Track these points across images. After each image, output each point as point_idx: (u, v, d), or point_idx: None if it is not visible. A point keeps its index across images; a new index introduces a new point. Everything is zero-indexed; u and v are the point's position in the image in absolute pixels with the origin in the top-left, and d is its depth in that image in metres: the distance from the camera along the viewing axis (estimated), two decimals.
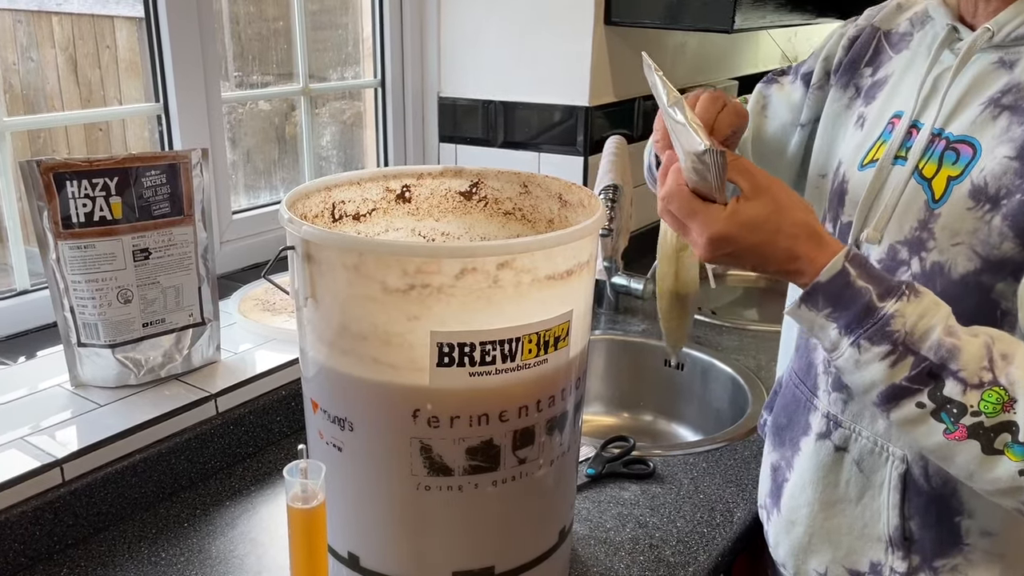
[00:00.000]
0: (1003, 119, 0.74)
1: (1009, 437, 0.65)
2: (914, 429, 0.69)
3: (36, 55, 3.00)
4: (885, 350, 0.67)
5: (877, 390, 0.69)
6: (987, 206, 0.73)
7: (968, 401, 0.66)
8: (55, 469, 0.98)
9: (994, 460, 0.66)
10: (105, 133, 2.38)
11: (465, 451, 0.80)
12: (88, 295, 1.10)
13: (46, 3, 2.84)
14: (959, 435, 0.66)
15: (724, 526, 1.07)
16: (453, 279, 0.73)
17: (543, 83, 1.75)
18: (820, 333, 0.72)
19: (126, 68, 2.83)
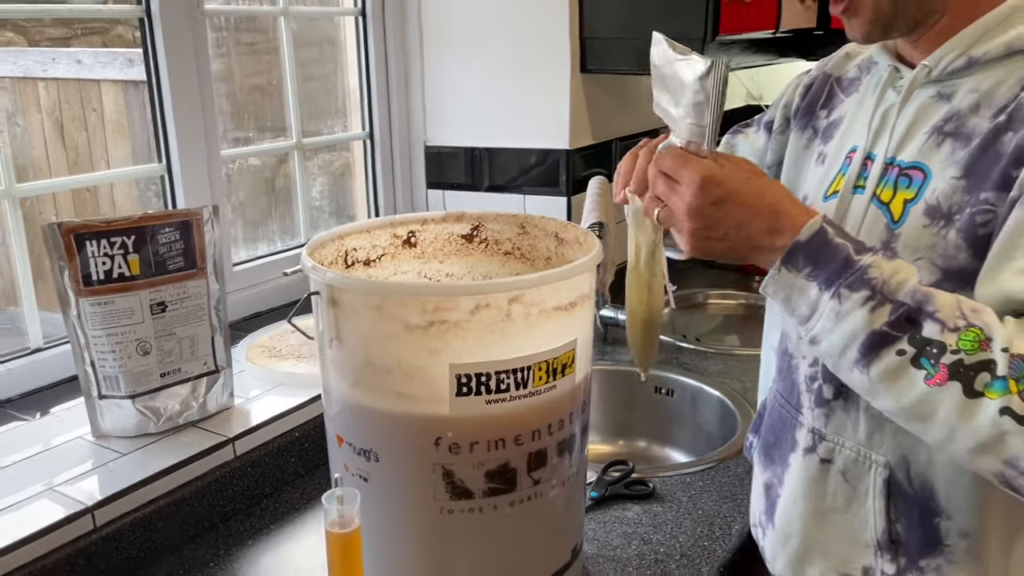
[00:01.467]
0: (947, 145, 0.83)
1: (989, 376, 0.69)
2: (896, 382, 0.72)
3: (22, 120, 3.06)
4: (865, 295, 0.72)
5: (859, 341, 0.73)
6: (942, 223, 0.81)
7: (947, 340, 0.70)
8: (87, 516, 1.03)
9: (975, 404, 0.69)
10: (93, 195, 2.44)
11: (484, 474, 0.86)
12: (108, 348, 1.16)
13: (32, 69, 2.91)
14: (940, 378, 0.70)
15: (723, 539, 1.13)
16: (469, 314, 0.80)
17: (524, 129, 1.84)
18: (798, 298, 0.77)
19: (113, 130, 2.89)
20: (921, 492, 0.87)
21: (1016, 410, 0.67)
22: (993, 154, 0.79)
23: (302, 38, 1.86)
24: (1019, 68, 0.80)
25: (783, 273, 0.77)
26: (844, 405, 0.92)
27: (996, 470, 0.71)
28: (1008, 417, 0.67)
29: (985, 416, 0.69)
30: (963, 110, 0.83)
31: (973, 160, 0.80)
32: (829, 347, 0.76)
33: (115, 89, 2.81)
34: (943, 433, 0.72)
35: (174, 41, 1.46)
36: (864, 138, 0.91)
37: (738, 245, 0.79)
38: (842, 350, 0.75)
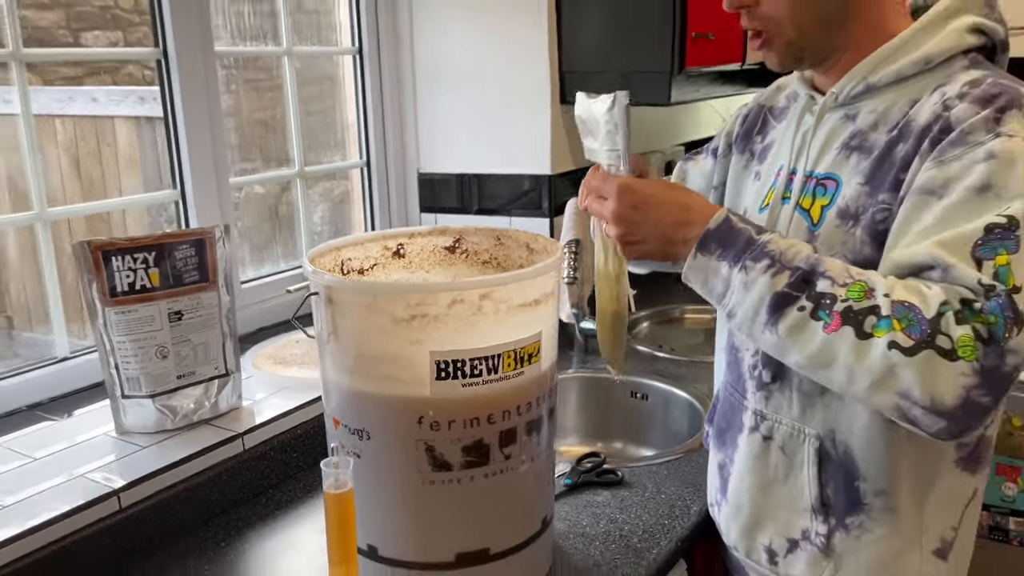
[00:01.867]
0: (854, 158, 0.97)
1: (875, 318, 0.81)
2: (800, 335, 0.85)
3: (40, 155, 3.22)
4: (766, 264, 0.86)
5: (765, 304, 0.86)
6: (851, 222, 0.95)
7: (838, 292, 0.83)
8: (113, 498, 1.16)
9: (867, 344, 0.80)
10: (107, 222, 2.59)
11: (461, 449, 0.99)
12: (131, 353, 1.29)
13: (49, 107, 3.08)
14: (835, 325, 0.82)
15: (682, 517, 1.26)
16: (446, 309, 0.94)
17: (510, 156, 1.99)
18: (713, 279, 0.91)
19: (126, 163, 3.06)
20: (844, 458, 1.01)
21: (901, 343, 0.79)
22: (888, 163, 0.94)
23: (304, 75, 2.02)
24: (907, 91, 0.95)
25: (698, 258, 0.91)
26: (780, 387, 1.05)
27: (893, 403, 0.82)
28: (895, 350, 0.79)
29: (876, 352, 0.80)
30: (865, 128, 0.98)
31: (873, 169, 0.95)
32: (743, 315, 0.89)
33: (128, 125, 2.98)
34: (844, 375, 0.83)
35: (188, 80, 1.61)
36: (788, 157, 1.06)
37: (659, 242, 0.94)
38: (753, 315, 0.88)
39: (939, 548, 1.03)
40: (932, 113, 0.91)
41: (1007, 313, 0.78)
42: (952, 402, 0.78)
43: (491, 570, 1.04)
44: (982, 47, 0.96)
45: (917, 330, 0.79)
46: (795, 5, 0.97)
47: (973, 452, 1.02)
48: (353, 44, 2.02)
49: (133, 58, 1.83)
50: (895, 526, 1.01)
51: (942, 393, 0.78)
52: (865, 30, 0.99)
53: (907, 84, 0.96)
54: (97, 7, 4.49)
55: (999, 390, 0.79)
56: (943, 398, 0.78)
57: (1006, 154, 0.84)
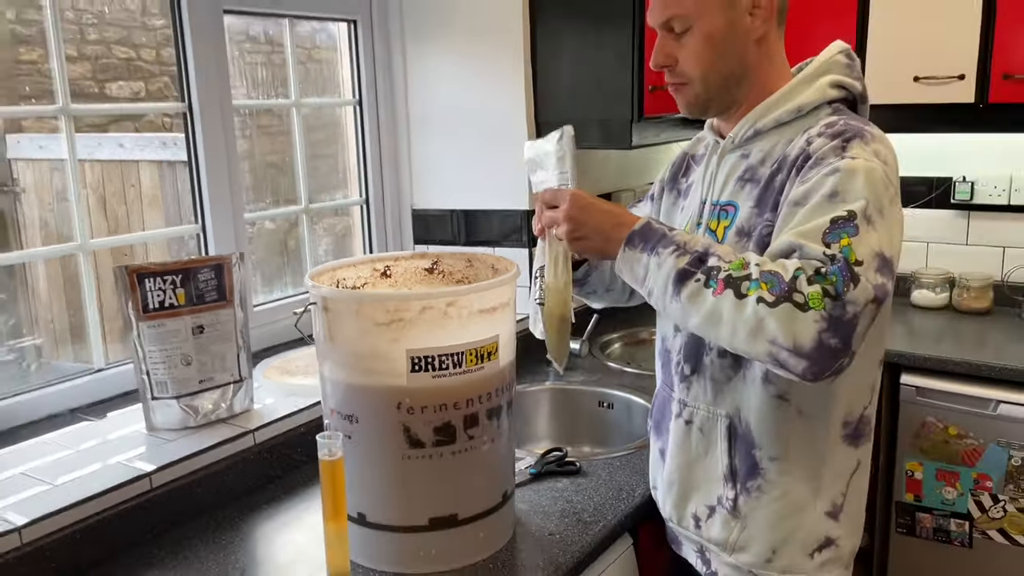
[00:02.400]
0: (747, 187, 1.21)
1: (748, 283, 1.03)
2: (695, 300, 1.06)
3: (71, 196, 3.50)
4: (672, 249, 1.10)
5: (671, 278, 1.08)
6: (745, 239, 1.18)
7: (722, 265, 1.06)
8: (145, 479, 1.38)
9: (743, 302, 1.02)
10: (130, 255, 2.84)
11: (432, 430, 1.21)
12: (160, 360, 1.52)
13: (79, 152, 3.35)
14: (720, 289, 1.04)
15: (628, 498, 1.47)
16: (418, 314, 1.17)
17: (493, 194, 2.23)
18: (637, 267, 1.13)
19: (149, 203, 3.34)
20: (746, 432, 1.23)
21: (766, 299, 1.01)
22: (771, 190, 1.17)
23: (310, 123, 2.28)
24: (786, 134, 1.20)
25: (626, 252, 1.15)
26: (697, 378, 1.28)
27: (766, 350, 1.03)
28: (762, 304, 1.01)
29: (749, 307, 1.02)
30: (755, 164, 1.21)
31: (761, 195, 1.19)
32: (658, 291, 1.11)
33: (151, 168, 3.26)
34: (729, 330, 1.05)
35: (209, 129, 1.86)
36: (701, 191, 1.29)
37: (599, 239, 1.18)
38: (664, 289, 1.10)
39: (830, 511, 1.24)
40: (800, 148, 1.15)
41: (845, 274, 1.01)
42: (809, 344, 1.00)
43: (459, 533, 1.26)
44: (844, 99, 1.20)
45: (778, 288, 1.01)
46: (703, 68, 1.22)
47: (856, 429, 1.24)
48: (354, 96, 2.28)
49: (165, 111, 2.08)
50: (788, 488, 1.22)
51: (800, 336, 1.00)
52: (756, 88, 1.23)
53: (785, 128, 1.20)
54: (121, 59, 4.84)
55: (845, 334, 1.00)
56: (802, 341, 1.00)
57: (849, 169, 1.08)
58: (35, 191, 3.57)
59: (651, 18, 1.24)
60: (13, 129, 3.64)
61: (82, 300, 1.74)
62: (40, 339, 3.24)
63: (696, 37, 1.19)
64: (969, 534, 2.22)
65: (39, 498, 1.30)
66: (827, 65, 1.21)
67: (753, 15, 1.19)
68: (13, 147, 3.54)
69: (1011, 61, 2.21)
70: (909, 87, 2.33)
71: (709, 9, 1.18)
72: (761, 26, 1.20)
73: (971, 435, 2.18)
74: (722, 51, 1.20)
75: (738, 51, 1.20)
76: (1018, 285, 2.55)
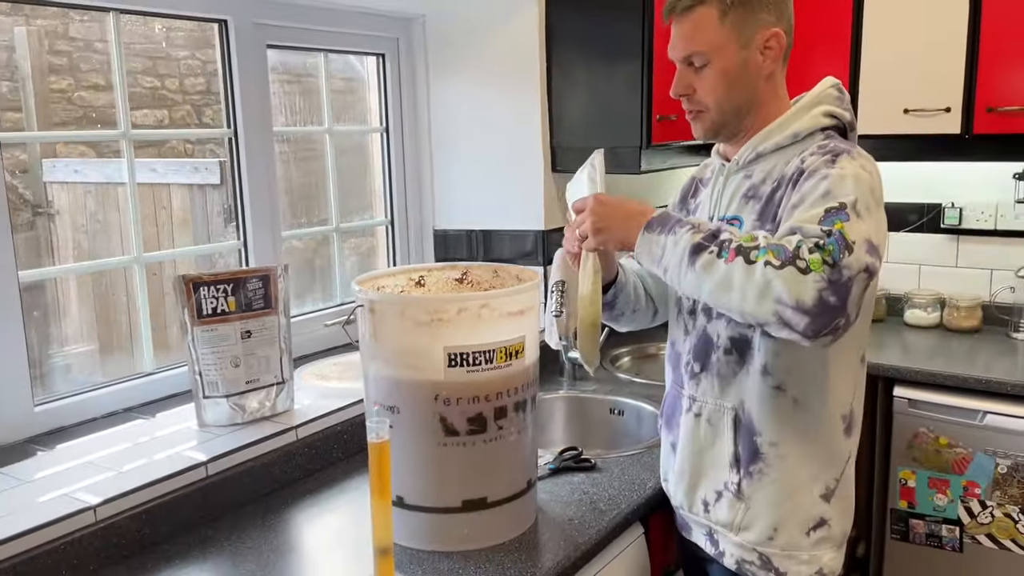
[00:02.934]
0: (750, 203, 1.36)
1: (756, 251, 1.16)
2: (709, 269, 1.19)
3: (102, 218, 3.68)
4: (688, 227, 1.24)
5: (687, 251, 1.21)
6: None
7: (734, 238, 1.20)
8: (201, 468, 1.52)
9: (752, 267, 1.15)
10: (159, 276, 3.00)
11: (466, 420, 1.35)
12: (212, 362, 1.67)
13: (113, 176, 3.54)
14: (731, 257, 1.18)
15: (640, 490, 1.61)
16: (455, 314, 1.31)
17: (510, 215, 2.39)
18: (655, 248, 1.27)
19: (179, 224, 3.51)
20: (748, 421, 1.37)
21: (773, 262, 1.15)
22: (771, 204, 1.33)
23: (341, 148, 2.44)
24: (784, 156, 1.35)
25: (644, 235, 1.29)
26: (706, 375, 1.42)
27: (772, 310, 1.16)
28: (770, 267, 1.15)
29: (758, 271, 1.16)
30: (757, 183, 1.37)
31: (762, 210, 1.34)
32: (674, 265, 1.25)
33: (182, 191, 3.43)
34: (739, 295, 1.18)
35: (252, 153, 2.02)
36: (708, 209, 1.45)
37: (620, 229, 1.33)
38: (679, 262, 1.24)
39: (824, 493, 1.38)
40: (795, 167, 1.31)
41: (840, 244, 1.15)
42: (811, 301, 1.13)
43: (489, 515, 1.40)
44: (835, 127, 1.36)
45: (783, 255, 1.16)
46: (718, 98, 1.38)
47: (849, 422, 1.38)
48: (381, 123, 2.44)
49: (212, 137, 2.23)
50: (786, 470, 1.36)
51: (803, 294, 1.13)
52: (762, 117, 1.39)
53: (784, 151, 1.36)
54: (147, 88, 5.03)
55: (841, 294, 1.13)
56: (804, 299, 1.13)
57: (839, 174, 1.24)
58: (69, 213, 3.74)
59: (672, 53, 1.40)
60: (48, 154, 3.83)
61: (136, 309, 1.89)
62: (85, 347, 3.39)
63: (713, 71, 1.35)
64: (960, 539, 2.35)
65: (107, 482, 1.44)
66: (820, 97, 1.38)
67: (764, 55, 1.35)
68: (49, 171, 3.72)
69: (994, 95, 2.37)
70: (900, 119, 2.49)
71: (726, 48, 1.34)
72: (771, 64, 1.36)
73: (960, 445, 2.31)
74: (736, 85, 1.36)
75: (749, 85, 1.36)
76: (1004, 305, 2.70)
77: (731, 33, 1.34)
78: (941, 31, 2.41)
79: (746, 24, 1.34)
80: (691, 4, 1.35)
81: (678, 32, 1.38)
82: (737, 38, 1.34)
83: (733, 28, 1.34)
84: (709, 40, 1.34)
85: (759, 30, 1.34)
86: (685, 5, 1.36)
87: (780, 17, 1.36)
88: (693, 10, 1.35)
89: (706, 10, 1.34)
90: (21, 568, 1.26)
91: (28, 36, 3.79)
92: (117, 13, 1.79)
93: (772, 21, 1.35)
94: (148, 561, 1.39)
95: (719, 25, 1.34)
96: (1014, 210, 2.69)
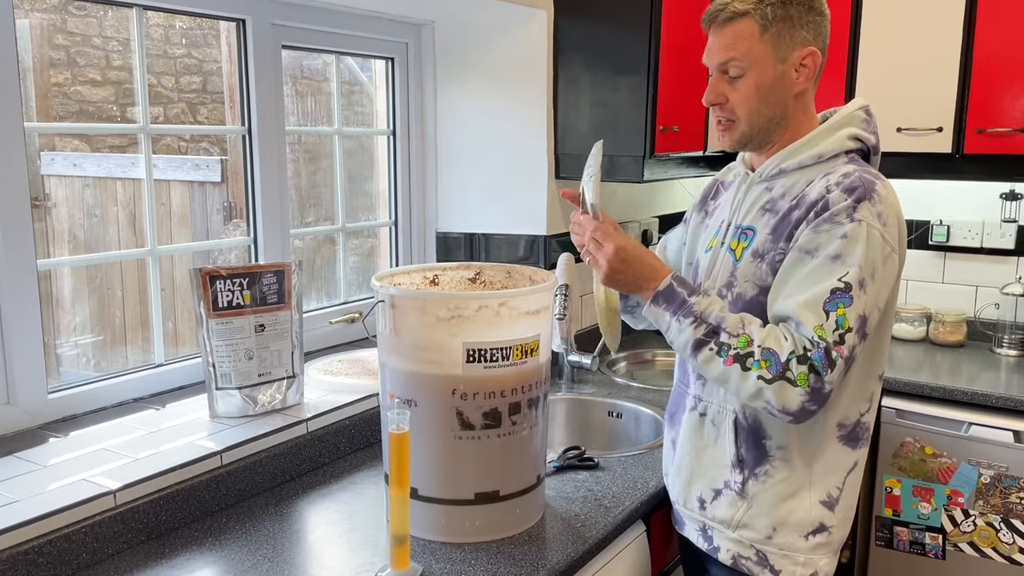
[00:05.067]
0: (766, 216, 1.41)
1: (751, 360, 1.27)
2: (709, 364, 1.31)
3: (100, 212, 3.69)
4: (691, 321, 1.32)
5: (690, 344, 1.32)
6: (759, 260, 1.39)
7: (732, 343, 1.29)
8: (216, 457, 1.55)
9: (746, 375, 1.28)
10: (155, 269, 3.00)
11: (482, 415, 1.39)
12: (226, 354, 1.70)
13: (113, 171, 3.55)
14: (729, 362, 1.29)
15: (643, 489, 1.66)
16: (475, 312, 1.36)
17: (513, 219, 2.44)
18: (660, 320, 1.36)
19: (178, 220, 3.53)
20: (754, 425, 1.42)
21: (765, 376, 1.27)
22: (787, 222, 1.38)
23: (348, 149, 2.47)
24: (806, 175, 1.40)
25: (651, 307, 1.39)
26: None
27: (762, 407, 1.31)
28: (762, 380, 1.28)
29: (751, 380, 1.28)
30: (776, 197, 1.42)
31: (777, 225, 1.39)
32: (678, 348, 1.37)
33: (182, 188, 3.45)
34: (734, 388, 1.32)
35: (264, 151, 2.06)
36: (727, 214, 1.50)
37: (631, 285, 1.40)
38: (683, 349, 1.35)
39: (825, 500, 1.43)
40: (819, 194, 1.35)
41: (823, 360, 1.27)
42: (795, 409, 1.29)
43: (500, 508, 1.44)
44: (859, 150, 1.41)
45: (775, 368, 1.27)
46: (750, 110, 1.41)
47: (852, 432, 1.43)
48: (388, 126, 2.48)
49: (227, 132, 2.26)
50: (790, 473, 1.41)
51: (789, 404, 1.29)
52: (790, 133, 1.44)
53: (806, 170, 1.41)
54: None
55: (821, 402, 1.29)
56: (789, 407, 1.29)
57: (853, 235, 1.30)
58: (66, 206, 3.74)
59: (708, 59, 1.43)
60: (48, 147, 3.83)
61: (149, 302, 1.92)
62: (79, 339, 3.39)
63: (748, 83, 1.39)
64: (943, 547, 2.41)
65: (125, 468, 1.47)
66: (848, 119, 1.42)
67: (799, 72, 1.39)
68: (47, 164, 3.72)
69: (984, 117, 2.45)
70: (893, 137, 2.56)
71: (764, 61, 1.38)
72: (804, 82, 1.40)
73: (945, 454, 2.38)
74: (768, 99, 1.40)
75: (781, 101, 1.40)
76: (989, 321, 2.78)
77: (770, 47, 1.37)
78: (935, 54, 2.50)
79: (785, 40, 1.37)
80: (733, 15, 1.38)
81: (717, 40, 1.41)
82: (775, 53, 1.38)
83: (772, 42, 1.37)
84: (748, 51, 1.37)
85: (796, 47, 1.38)
86: (727, 15, 1.38)
87: (817, 36, 1.40)
88: (735, 21, 1.37)
89: (748, 22, 1.37)
90: (41, 551, 1.28)
91: (30, 29, 3.80)
92: (141, 9, 1.81)
93: (810, 39, 1.39)
94: (165, 546, 1.41)
95: (759, 38, 1.37)
96: (1000, 229, 2.78)
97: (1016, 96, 2.40)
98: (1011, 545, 2.31)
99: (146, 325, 3.23)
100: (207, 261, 2.67)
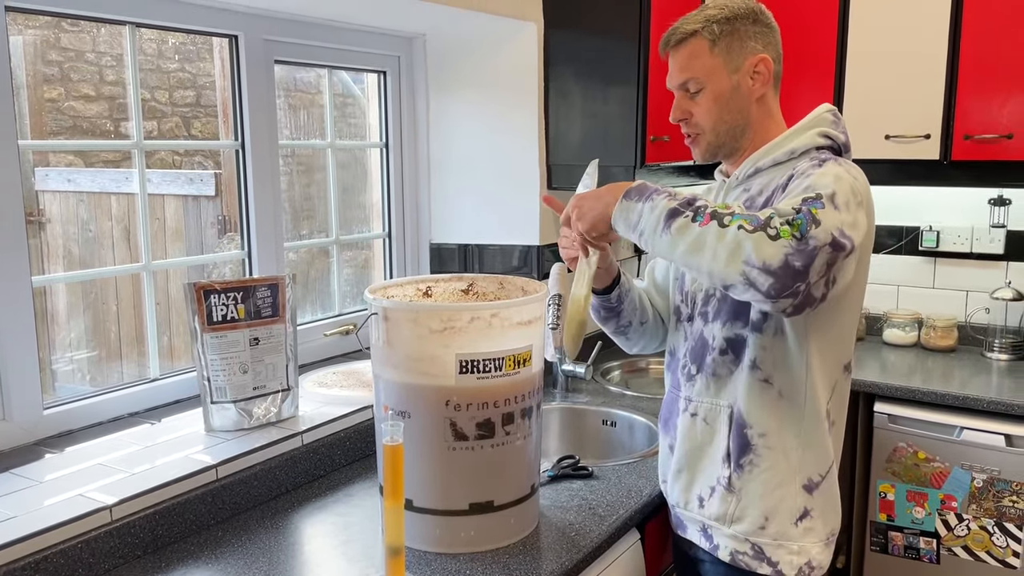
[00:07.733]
0: None
1: (730, 217, 1.22)
2: (683, 232, 1.24)
3: (94, 227, 3.70)
4: (665, 195, 1.30)
5: (663, 216, 1.26)
6: None
7: (709, 205, 1.26)
8: (212, 470, 1.56)
9: (725, 230, 1.21)
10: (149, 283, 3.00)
11: (475, 425, 1.40)
12: (221, 368, 1.71)
13: (107, 186, 3.56)
14: (706, 221, 1.23)
15: (637, 497, 1.67)
16: (467, 323, 1.37)
17: (506, 230, 2.45)
18: (631, 214, 1.32)
19: (172, 234, 3.54)
20: (739, 416, 1.43)
21: (745, 227, 1.21)
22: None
23: (341, 162, 2.49)
24: (780, 171, 1.44)
25: (622, 203, 1.35)
26: (700, 376, 1.49)
27: (740, 270, 1.21)
28: (742, 231, 1.21)
29: (730, 232, 1.22)
30: (754, 195, 1.45)
31: None
32: (650, 229, 1.30)
33: (176, 202, 3.46)
34: (710, 255, 1.23)
35: (258, 165, 2.07)
36: None
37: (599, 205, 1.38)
38: (655, 225, 1.29)
39: (807, 484, 1.44)
40: (787, 175, 1.40)
41: (808, 219, 1.21)
42: (776, 263, 1.18)
43: (495, 518, 1.44)
44: (828, 147, 1.44)
45: (755, 222, 1.21)
46: (713, 121, 1.47)
47: (830, 421, 1.45)
48: (381, 139, 2.50)
49: (220, 148, 2.28)
50: (774, 461, 1.43)
51: (770, 257, 1.19)
52: (757, 138, 1.48)
53: (780, 167, 1.44)
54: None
55: (806, 260, 1.19)
56: (771, 260, 1.18)
57: (821, 173, 1.32)
58: (60, 221, 3.75)
59: (670, 82, 1.51)
60: (41, 163, 3.83)
61: (144, 316, 1.93)
62: (73, 355, 3.39)
63: (707, 96, 1.46)
64: (937, 551, 2.43)
65: (121, 483, 1.48)
66: (817, 120, 1.46)
67: (753, 79, 1.46)
68: (41, 180, 3.72)
69: (971, 124, 2.48)
70: (881, 144, 2.59)
71: (717, 73, 1.45)
72: (760, 88, 1.46)
73: (938, 459, 2.39)
74: (729, 107, 1.46)
75: (742, 108, 1.46)
76: (979, 326, 2.80)
77: (720, 60, 1.45)
78: (921, 61, 2.52)
79: (735, 51, 1.45)
80: (683, 37, 1.47)
81: (674, 62, 1.50)
82: (726, 64, 1.45)
83: (723, 55, 1.45)
84: (702, 67, 1.46)
85: (747, 56, 1.45)
86: (679, 37, 1.48)
87: (767, 45, 1.47)
88: (686, 42, 1.47)
89: (698, 40, 1.46)
90: (38, 567, 1.29)
91: (24, 46, 3.81)
92: (134, 27, 1.83)
93: (759, 48, 1.46)
94: (162, 561, 1.42)
95: (710, 53, 1.45)
96: (989, 234, 2.80)
97: (1002, 102, 2.43)
98: (1005, 548, 2.32)
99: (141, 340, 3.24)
100: (201, 275, 2.68)
